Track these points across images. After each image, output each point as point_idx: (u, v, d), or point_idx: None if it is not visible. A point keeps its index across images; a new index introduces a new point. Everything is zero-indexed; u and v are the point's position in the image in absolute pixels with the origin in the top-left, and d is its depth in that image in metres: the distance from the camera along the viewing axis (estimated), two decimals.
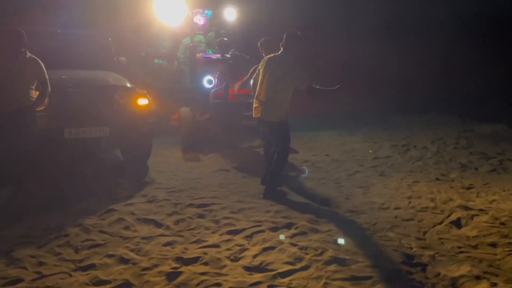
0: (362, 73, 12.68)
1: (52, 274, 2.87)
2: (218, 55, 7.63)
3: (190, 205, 4.23)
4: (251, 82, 4.95)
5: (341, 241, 3.38)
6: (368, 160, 6.51)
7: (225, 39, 7.63)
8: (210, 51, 8.36)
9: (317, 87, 4.42)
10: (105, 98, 5.04)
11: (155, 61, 8.33)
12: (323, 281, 2.78)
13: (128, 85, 5.39)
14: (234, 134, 8.04)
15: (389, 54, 12.92)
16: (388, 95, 12.41)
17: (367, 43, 12.49)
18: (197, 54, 7.76)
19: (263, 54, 5.17)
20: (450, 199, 4.46)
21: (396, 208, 4.23)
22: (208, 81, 7.27)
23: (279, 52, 4.56)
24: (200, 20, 8.76)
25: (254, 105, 4.65)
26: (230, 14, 8.30)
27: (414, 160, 6.48)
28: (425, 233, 3.60)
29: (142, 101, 5.32)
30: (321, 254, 3.14)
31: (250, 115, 7.77)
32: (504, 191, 4.80)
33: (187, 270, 2.92)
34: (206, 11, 8.84)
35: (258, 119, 4.63)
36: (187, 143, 7.09)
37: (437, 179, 5.37)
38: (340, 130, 9.29)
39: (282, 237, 3.48)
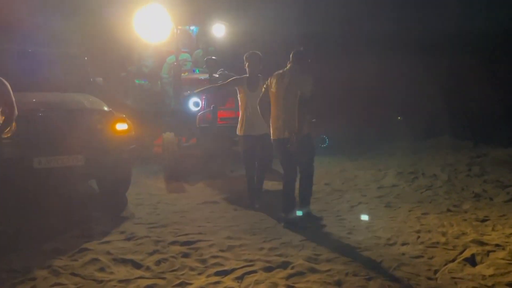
0: (363, 93, 12.81)
1: None
2: (206, 75, 7.70)
3: (174, 242, 4.19)
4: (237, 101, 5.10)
5: (342, 282, 3.34)
6: (372, 190, 6.53)
7: (213, 57, 7.72)
8: (197, 70, 8.46)
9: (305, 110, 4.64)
10: (79, 123, 5.04)
11: (137, 81, 8.42)
12: None
13: (106, 108, 5.43)
14: (224, 162, 8.05)
15: (393, 72, 13.06)
16: (393, 116, 12.49)
17: (368, 60, 12.64)
18: (182, 74, 7.86)
19: (247, 69, 5.42)
20: (463, 233, 4.44)
21: (403, 244, 4.21)
22: (194, 103, 7.33)
23: (287, 68, 4.83)
24: (186, 37, 8.89)
25: (273, 126, 4.83)
26: (219, 31, 8.43)
27: (422, 189, 6.48)
28: (436, 272, 3.58)
29: (121, 126, 5.34)
30: None
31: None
32: None
33: None
34: (192, 28, 8.98)
35: (280, 139, 4.76)
36: (171, 172, 7.10)
37: (449, 210, 5.36)
38: (341, 155, 9.31)
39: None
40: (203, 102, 7.44)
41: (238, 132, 5.56)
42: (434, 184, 6.72)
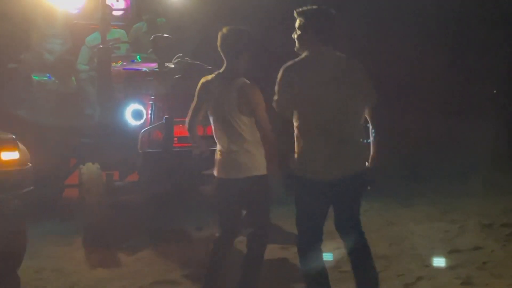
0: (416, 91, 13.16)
1: None
2: (153, 65, 7.73)
3: None
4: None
5: None
6: (440, 256, 6.38)
7: (165, 35, 7.72)
8: (138, 57, 8.47)
9: None
10: None
11: (35, 77, 8.36)
12: None
13: None
14: (186, 212, 7.99)
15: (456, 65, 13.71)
16: (476, 129, 12.48)
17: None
18: (113, 64, 7.82)
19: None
20: None
21: None
22: (134, 114, 7.27)
23: (311, 51, 4.57)
24: (118, 1, 9.01)
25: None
26: None
27: None
28: None
29: (8, 155, 5.31)
30: None
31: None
32: None
33: None
34: None
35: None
36: (95, 231, 7.00)
37: None
38: (387, 197, 9.30)
39: None
40: (150, 111, 7.41)
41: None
42: None
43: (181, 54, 7.71)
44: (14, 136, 5.42)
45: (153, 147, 7.09)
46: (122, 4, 8.98)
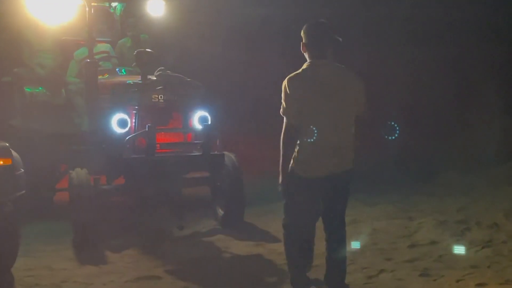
0: (388, 99, 13.03)
1: None
2: (137, 77, 7.75)
3: None
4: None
5: None
6: (400, 250, 6.57)
7: (148, 50, 7.77)
8: (123, 70, 8.52)
9: None
10: None
11: (27, 90, 8.38)
12: None
13: None
14: (168, 213, 7.91)
15: (427, 70, 13.50)
16: (433, 135, 12.71)
17: (388, 52, 13.02)
18: (100, 76, 7.87)
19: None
20: None
21: None
22: (119, 122, 7.34)
23: (311, 63, 4.75)
24: (105, 19, 9.00)
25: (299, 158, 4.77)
26: (156, 9, 8.52)
27: (477, 247, 6.50)
28: None
29: (1, 161, 5.34)
30: None
31: (196, 179, 7.87)
32: None
33: None
34: (115, 5, 9.11)
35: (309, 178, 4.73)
36: (84, 232, 6.99)
37: None
38: (352, 197, 9.06)
39: None
40: (134, 120, 7.49)
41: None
42: (495, 239, 6.75)
43: (162, 67, 7.76)
44: (7, 144, 5.44)
45: (137, 153, 7.15)
46: (108, 21, 9.01)
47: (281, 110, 4.69)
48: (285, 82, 4.66)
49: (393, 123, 5.51)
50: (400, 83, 13.28)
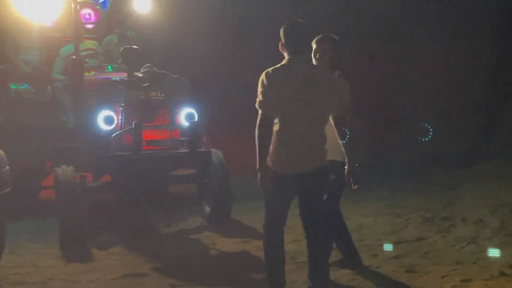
0: (374, 97, 13.07)
1: None
2: (123, 74, 7.77)
3: None
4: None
5: None
6: (386, 246, 6.61)
7: (134, 47, 7.75)
8: (109, 67, 8.54)
9: None
10: None
11: (12, 86, 8.38)
12: None
13: None
14: (155, 210, 8.05)
15: (416, 67, 13.43)
16: (419, 133, 12.69)
17: (379, 51, 13.07)
18: (86, 73, 7.86)
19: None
20: None
21: None
22: (106, 119, 7.34)
23: (289, 60, 4.80)
24: (90, 15, 8.95)
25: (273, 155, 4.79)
26: (143, 6, 8.52)
27: (463, 243, 6.57)
28: None
29: None
30: None
31: (183, 176, 7.88)
32: None
33: None
34: (101, 1, 9.11)
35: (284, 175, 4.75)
36: (71, 229, 6.93)
37: (503, 274, 5.41)
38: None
39: None
40: (120, 117, 7.47)
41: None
42: (481, 235, 6.81)
43: (149, 64, 7.75)
44: None
45: (124, 150, 7.13)
46: (93, 17, 8.93)
47: (257, 103, 4.69)
48: (262, 75, 4.70)
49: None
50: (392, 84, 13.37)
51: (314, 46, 5.45)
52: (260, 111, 4.67)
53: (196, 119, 7.63)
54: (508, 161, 10.87)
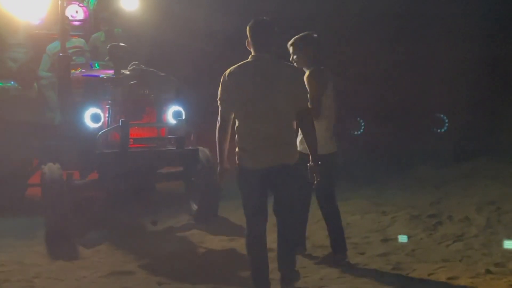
0: (362, 97, 13.15)
1: None
2: (110, 72, 7.73)
3: None
4: None
5: None
6: (373, 244, 6.64)
7: (121, 44, 7.76)
8: (96, 65, 8.48)
9: None
10: None
11: None
12: None
13: None
14: (142, 208, 7.94)
15: (404, 66, 13.70)
16: (407, 132, 12.79)
17: (370, 49, 13.15)
18: (72, 71, 7.85)
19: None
20: None
21: None
22: (92, 117, 7.33)
23: (252, 57, 4.87)
24: (77, 13, 8.94)
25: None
26: (130, 3, 8.50)
27: (449, 241, 6.59)
28: None
29: None
30: None
31: (170, 174, 7.88)
32: None
33: None
34: None
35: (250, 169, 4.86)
36: (57, 227, 6.97)
37: (489, 272, 5.44)
38: None
39: None
40: (107, 115, 7.46)
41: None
42: (467, 233, 6.84)
43: (136, 62, 7.74)
44: None
45: (111, 148, 7.13)
46: (81, 15, 8.94)
47: (218, 101, 4.83)
48: (224, 73, 4.81)
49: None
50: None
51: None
52: (220, 108, 4.81)
53: (183, 117, 7.65)
54: (494, 159, 10.95)
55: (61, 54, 7.70)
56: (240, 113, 4.80)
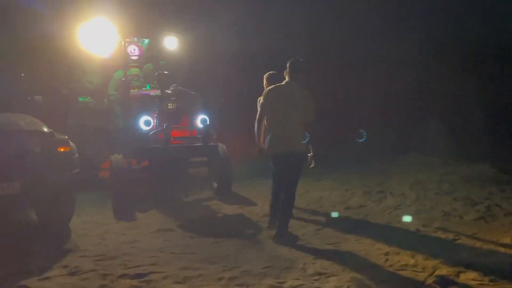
0: (326, 106, 13.04)
1: None
2: (157, 91, 7.76)
3: (123, 276, 4.13)
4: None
5: None
6: (339, 212, 6.66)
7: (165, 72, 7.79)
8: (147, 86, 8.50)
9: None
10: (15, 146, 4.93)
11: (80, 99, 8.38)
12: None
13: (45, 129, 5.34)
14: (179, 185, 8.05)
15: (355, 84, 13.41)
16: (359, 133, 12.71)
17: (330, 72, 12.99)
18: (131, 90, 7.91)
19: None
20: (433, 254, 4.56)
21: (372, 267, 4.30)
22: (145, 122, 7.37)
23: (284, 82, 5.32)
24: (135, 50, 8.94)
25: (266, 141, 5.32)
26: (171, 43, 8.49)
27: (391, 209, 6.63)
28: None
29: (63, 149, 5.28)
30: None
31: (198, 162, 7.95)
32: (492, 241, 4.95)
33: None
34: (142, 40, 9.02)
35: (271, 155, 5.32)
36: (120, 198, 6.98)
37: (418, 230, 5.51)
38: (304, 175, 9.14)
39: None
40: (155, 121, 7.49)
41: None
42: (403, 203, 6.88)
43: (175, 84, 7.84)
44: (66, 137, 5.46)
45: (157, 143, 7.15)
46: (137, 52, 8.93)
47: (259, 105, 5.40)
48: (269, 88, 5.36)
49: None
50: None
51: None
52: (259, 110, 5.33)
53: (208, 123, 7.71)
54: (422, 152, 10.97)
55: (123, 79, 7.79)
56: (269, 117, 5.26)
